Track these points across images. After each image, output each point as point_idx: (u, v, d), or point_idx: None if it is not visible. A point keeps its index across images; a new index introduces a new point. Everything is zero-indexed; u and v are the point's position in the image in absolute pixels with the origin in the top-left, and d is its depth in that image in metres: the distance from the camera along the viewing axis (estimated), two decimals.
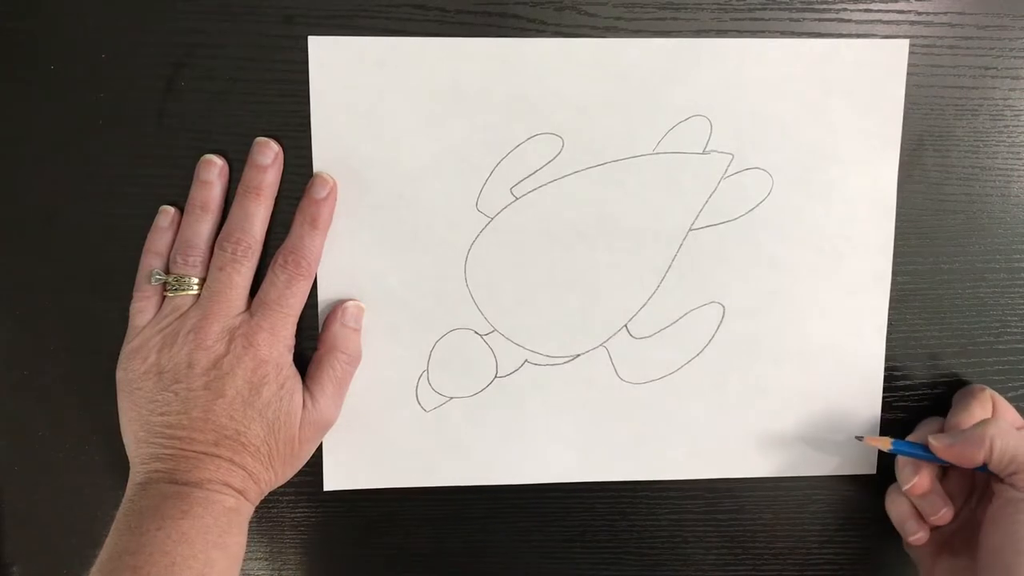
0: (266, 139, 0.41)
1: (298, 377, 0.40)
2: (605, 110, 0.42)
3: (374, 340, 0.43)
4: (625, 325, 0.44)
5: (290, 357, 0.40)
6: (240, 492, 0.38)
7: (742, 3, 0.42)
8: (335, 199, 0.41)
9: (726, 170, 0.43)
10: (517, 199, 0.42)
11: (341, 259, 0.42)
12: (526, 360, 0.44)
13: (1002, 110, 0.44)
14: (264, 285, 0.40)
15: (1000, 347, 0.46)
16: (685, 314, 0.44)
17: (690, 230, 0.43)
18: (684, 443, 0.45)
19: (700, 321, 0.44)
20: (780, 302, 0.44)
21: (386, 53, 0.41)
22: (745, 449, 0.46)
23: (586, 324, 0.44)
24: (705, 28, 0.42)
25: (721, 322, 0.44)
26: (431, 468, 0.45)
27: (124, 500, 0.38)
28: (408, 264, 0.43)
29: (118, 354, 0.41)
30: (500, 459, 0.45)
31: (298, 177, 0.41)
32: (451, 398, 0.44)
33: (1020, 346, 0.46)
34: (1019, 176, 0.44)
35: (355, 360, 0.42)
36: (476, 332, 0.44)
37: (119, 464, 0.44)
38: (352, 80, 0.41)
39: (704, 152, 0.43)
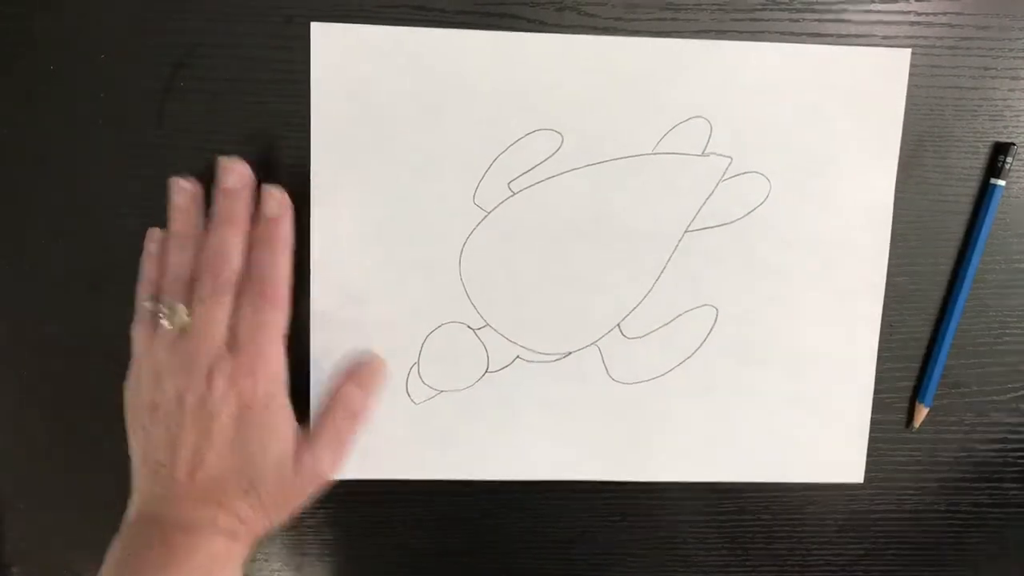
0: (231, 159, 0.39)
1: (289, 419, 0.39)
2: (606, 108, 0.42)
3: (365, 331, 0.43)
4: (618, 324, 0.44)
5: (280, 390, 0.38)
6: (230, 535, 0.37)
7: (742, 4, 0.42)
8: (291, 216, 0.39)
9: (724, 173, 0.43)
10: (515, 194, 0.42)
11: (336, 250, 0.42)
12: (517, 356, 0.44)
13: (1002, 110, 0.44)
14: (234, 321, 0.37)
15: (1000, 347, 0.46)
16: (678, 316, 0.44)
17: (686, 231, 0.43)
18: (673, 444, 0.45)
19: (693, 323, 0.44)
20: (774, 307, 0.44)
21: (388, 43, 0.41)
22: (734, 453, 0.45)
23: (579, 322, 0.44)
24: (705, 29, 0.42)
25: (714, 325, 0.44)
26: (420, 461, 0.44)
27: (116, 536, 0.37)
28: (403, 256, 0.42)
29: (117, 354, 0.41)
30: (489, 454, 0.45)
31: (298, 177, 0.41)
32: (441, 391, 0.44)
33: (1020, 346, 0.46)
34: (1019, 176, 0.44)
35: (358, 419, 0.41)
36: (468, 326, 0.43)
37: (119, 464, 0.44)
38: (352, 69, 0.41)
39: (703, 154, 0.43)
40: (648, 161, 0.43)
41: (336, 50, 0.41)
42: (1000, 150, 0.44)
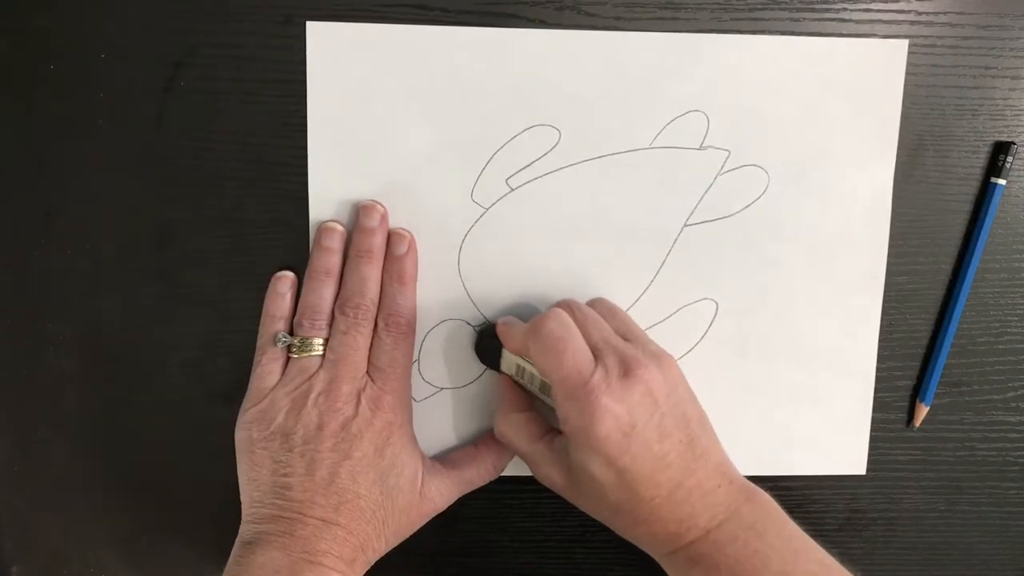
0: (371, 202, 0.41)
1: (417, 445, 0.41)
2: (603, 103, 0.42)
3: None
4: None
5: (411, 416, 0.41)
6: (349, 564, 0.38)
7: (742, 3, 0.42)
8: (416, 251, 0.42)
9: (722, 166, 0.43)
10: (513, 190, 0.42)
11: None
12: None
13: (1002, 110, 0.44)
14: (373, 350, 0.40)
15: (1000, 347, 0.46)
16: (678, 310, 0.44)
17: (685, 226, 0.43)
18: None
19: (693, 317, 0.44)
20: (773, 300, 0.44)
21: (383, 41, 0.41)
22: (734, 447, 0.45)
23: None
24: (705, 28, 0.42)
25: (714, 319, 0.44)
26: None
27: (230, 560, 0.37)
28: None
29: (118, 353, 0.41)
30: None
31: (297, 178, 0.41)
32: (441, 388, 0.44)
33: (1020, 346, 0.46)
34: (1020, 175, 0.44)
35: (493, 477, 0.43)
36: (468, 323, 0.44)
37: (119, 464, 0.44)
38: (349, 67, 0.41)
39: (701, 148, 0.43)
40: (646, 155, 0.43)
41: (332, 49, 0.40)
42: (1000, 149, 0.44)
